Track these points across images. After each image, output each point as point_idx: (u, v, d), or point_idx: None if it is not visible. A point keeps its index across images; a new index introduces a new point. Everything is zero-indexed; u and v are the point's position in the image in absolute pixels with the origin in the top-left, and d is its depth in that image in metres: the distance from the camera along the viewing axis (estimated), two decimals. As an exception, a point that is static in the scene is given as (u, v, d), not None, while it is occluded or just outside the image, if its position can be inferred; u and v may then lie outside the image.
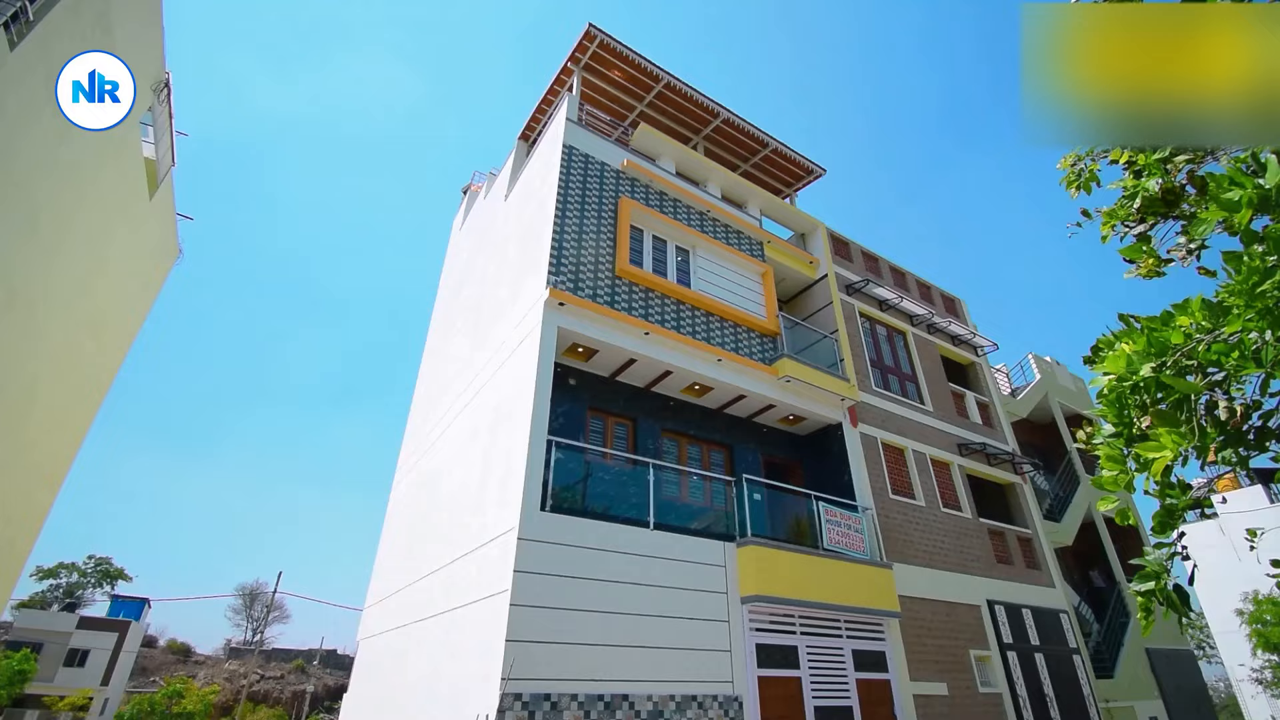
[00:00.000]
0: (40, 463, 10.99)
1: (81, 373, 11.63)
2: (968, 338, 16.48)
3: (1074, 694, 12.25)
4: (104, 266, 11.19)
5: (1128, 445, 2.65)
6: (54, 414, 10.99)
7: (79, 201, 9.27)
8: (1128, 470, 2.65)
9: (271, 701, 44.41)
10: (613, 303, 9.72)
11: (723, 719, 7.51)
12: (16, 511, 10.60)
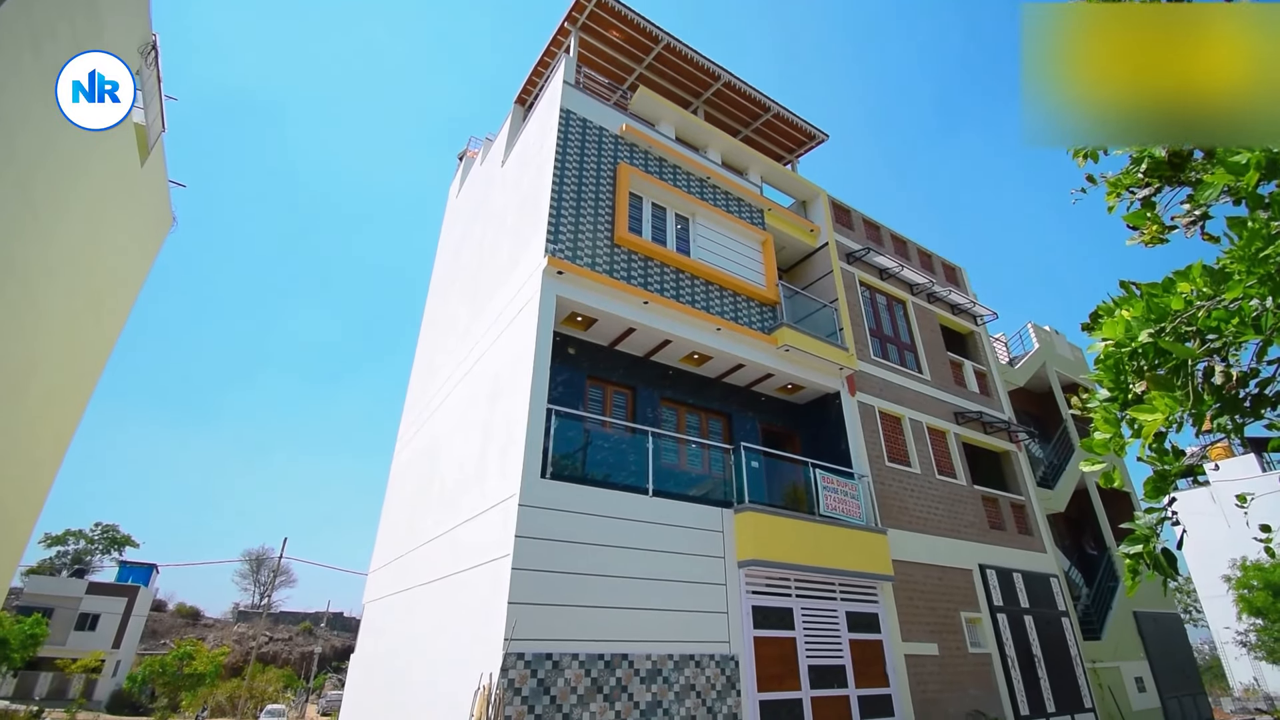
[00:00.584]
0: (43, 431, 11.06)
1: (80, 343, 11.60)
2: (967, 307, 16.45)
3: (1062, 655, 12.60)
4: (98, 236, 11.07)
5: (1122, 410, 2.67)
6: (54, 384, 11.00)
7: (70, 171, 9.12)
8: (1121, 435, 2.67)
9: (280, 662, 45.65)
10: (611, 271, 9.66)
11: (719, 677, 7.74)
12: (22, 479, 10.71)
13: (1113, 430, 2.67)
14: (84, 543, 50.99)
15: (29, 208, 8.05)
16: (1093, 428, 2.76)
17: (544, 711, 6.46)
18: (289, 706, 32.80)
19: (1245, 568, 24.30)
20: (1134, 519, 2.71)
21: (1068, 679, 12.39)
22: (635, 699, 7.03)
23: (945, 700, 10.04)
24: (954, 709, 10.07)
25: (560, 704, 6.58)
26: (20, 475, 10.56)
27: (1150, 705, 14.37)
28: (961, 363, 15.56)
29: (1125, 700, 13.69)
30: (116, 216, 11.70)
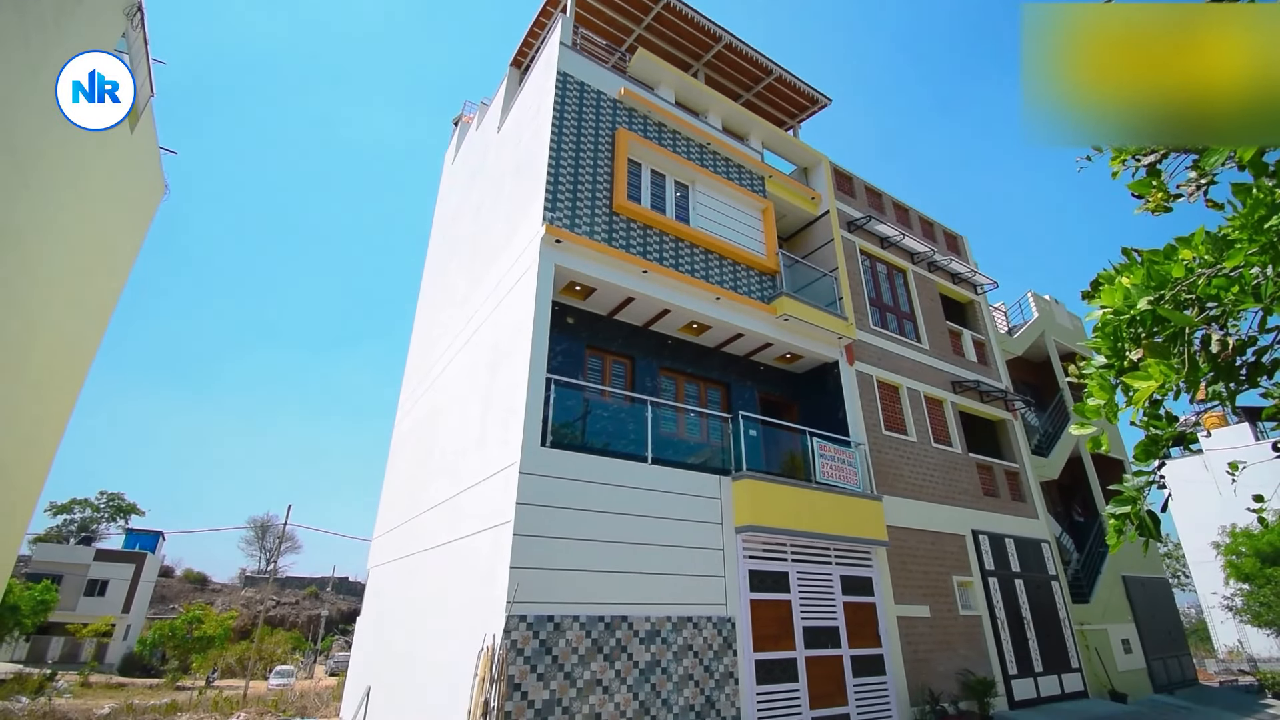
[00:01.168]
0: (45, 399, 11.11)
1: (76, 312, 11.57)
2: (968, 275, 16.38)
3: (1050, 617, 12.93)
4: (89, 205, 10.94)
5: (1117, 376, 2.68)
6: (54, 353, 11.02)
7: (59, 140, 8.97)
8: (1114, 401, 2.69)
9: (288, 625, 46.75)
10: (610, 240, 9.59)
11: (716, 638, 7.95)
12: (26, 447, 10.80)
13: (1106, 396, 2.69)
14: (90, 511, 51.62)
15: (20, 177, 7.93)
16: (1086, 393, 2.78)
17: (546, 671, 6.65)
18: (297, 667, 33.71)
19: (1234, 535, 24.73)
20: (1122, 481, 2.75)
21: (1056, 640, 12.74)
22: (635, 659, 7.24)
23: (935, 660, 10.34)
24: (944, 668, 10.38)
25: (562, 663, 6.77)
26: (24, 443, 10.65)
27: (1136, 666, 14.80)
28: (960, 332, 15.57)
29: (1111, 661, 14.09)
30: (107, 185, 11.54)
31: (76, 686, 22.63)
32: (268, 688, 24.09)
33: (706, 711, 7.49)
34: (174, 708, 15.62)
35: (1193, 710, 13.19)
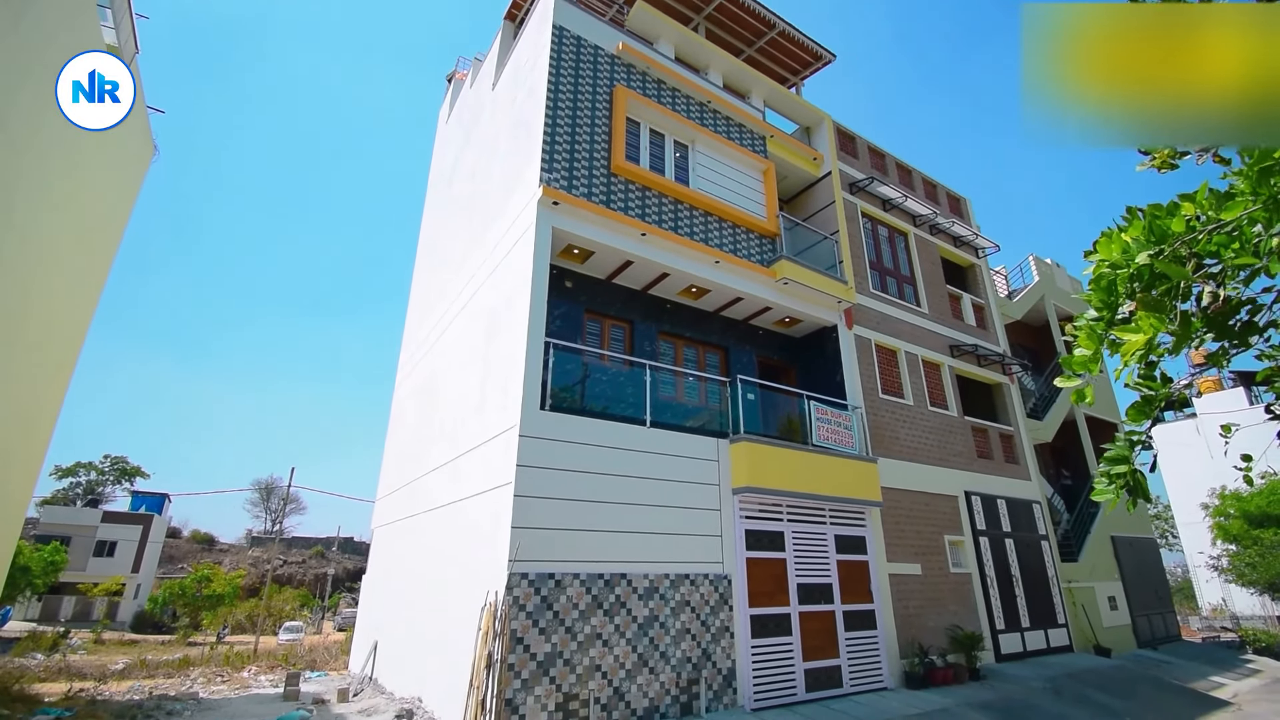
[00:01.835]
0: (45, 363, 11.13)
1: (71, 276, 11.49)
2: (970, 239, 16.23)
3: (1039, 575, 13.26)
4: (77, 168, 10.77)
5: (1107, 329, 2.68)
6: (50, 315, 10.99)
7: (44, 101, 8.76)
8: (1100, 353, 2.69)
9: (295, 584, 47.85)
10: (608, 202, 9.46)
11: (713, 594, 8.16)
12: (27, 410, 10.86)
13: (1094, 347, 2.69)
14: (95, 474, 52.22)
15: (6, 140, 7.77)
16: (1075, 344, 2.78)
17: (547, 625, 6.84)
18: (306, 623, 34.63)
19: (1223, 497, 25.14)
20: (1114, 439, 2.78)
21: (1044, 597, 13.08)
22: (633, 614, 7.44)
23: (925, 615, 10.64)
24: (933, 623, 10.68)
25: (563, 618, 6.96)
26: (25, 407, 10.70)
27: (1121, 622, 15.25)
28: (960, 296, 15.52)
29: (1097, 617, 14.50)
30: (95, 146, 11.31)
31: (90, 643, 23.26)
32: (278, 642, 24.79)
33: (703, 663, 7.74)
34: (186, 662, 16.09)
35: (1174, 664, 13.65)
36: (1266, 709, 10.08)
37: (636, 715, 7.10)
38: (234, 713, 9.43)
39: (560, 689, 6.72)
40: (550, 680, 6.69)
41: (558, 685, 6.72)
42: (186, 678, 13.70)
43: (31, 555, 25.71)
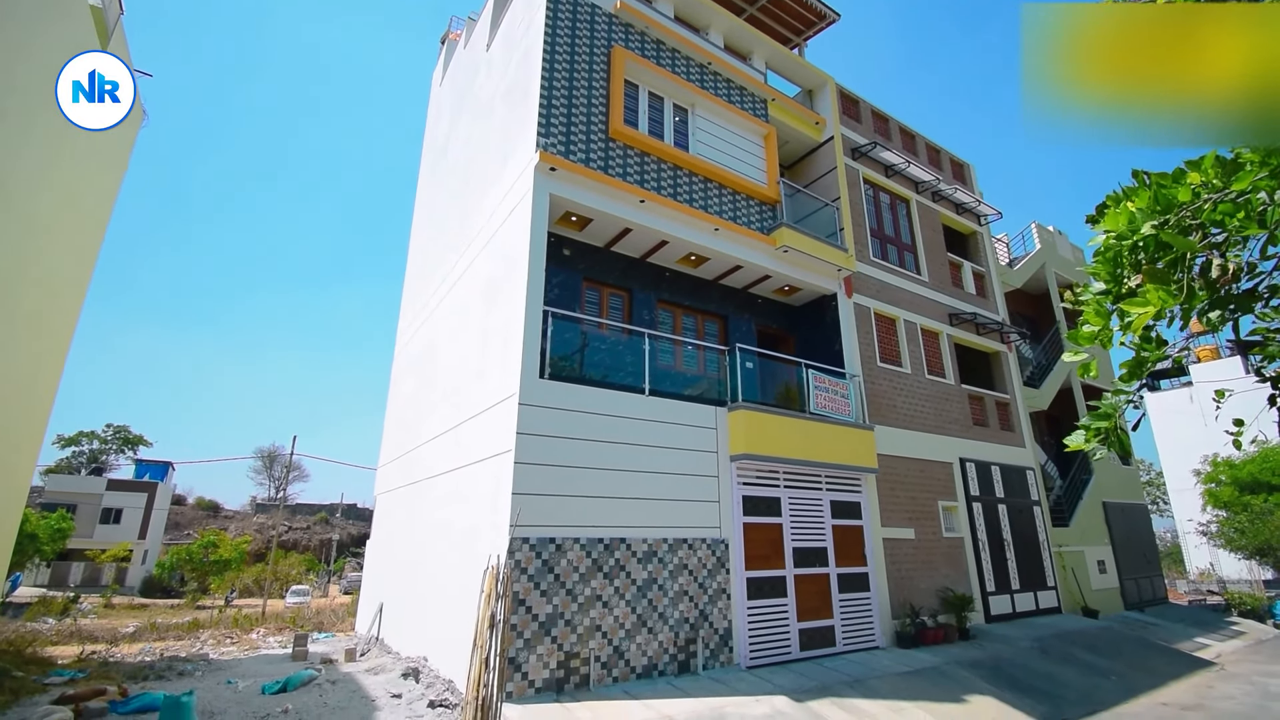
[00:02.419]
0: (43, 331, 11.12)
1: (64, 244, 11.38)
2: (972, 205, 16.06)
3: (1030, 539, 13.51)
4: (66, 134, 10.59)
5: (1114, 303, 2.68)
6: (47, 284, 10.95)
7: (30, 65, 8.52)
8: (1109, 327, 2.70)
9: (301, 549, 48.67)
10: (606, 168, 9.31)
11: (710, 558, 8.33)
12: (27, 378, 10.89)
13: (1102, 322, 2.69)
14: (97, 443, 52.55)
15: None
16: (1082, 320, 2.79)
17: (549, 588, 7.00)
18: (312, 587, 35.35)
19: (1215, 464, 25.47)
20: (1103, 398, 2.81)
21: (1034, 561, 13.37)
22: (632, 576, 7.60)
23: (918, 578, 10.88)
24: (925, 585, 10.93)
25: (564, 581, 7.11)
26: (25, 375, 10.72)
27: (1109, 585, 15.61)
28: (961, 264, 15.44)
29: (1086, 579, 14.84)
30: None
31: (100, 608, 23.77)
32: (285, 605, 25.35)
33: (700, 624, 7.95)
34: (196, 625, 16.48)
35: (1160, 625, 14.03)
36: (1249, 669, 10.40)
37: (636, 673, 7.32)
38: (244, 672, 9.70)
39: (562, 648, 6.91)
40: (552, 640, 6.88)
41: (559, 644, 6.91)
42: (196, 640, 14.05)
43: (38, 523, 26.05)
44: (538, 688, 6.66)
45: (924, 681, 8.04)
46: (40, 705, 7.05)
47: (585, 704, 6.39)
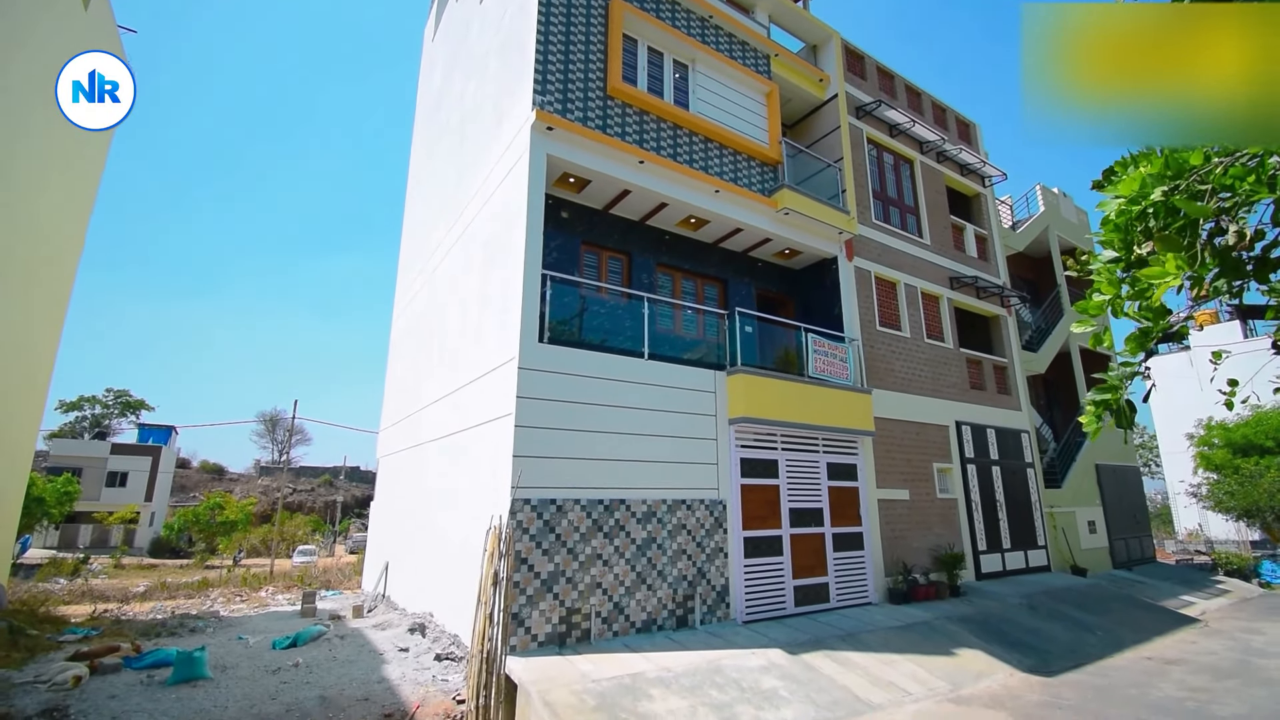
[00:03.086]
0: (39, 294, 11.07)
1: (54, 203, 11.22)
2: (977, 166, 15.80)
3: (1023, 500, 13.76)
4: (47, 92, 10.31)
5: (1125, 271, 2.67)
6: (41, 245, 10.85)
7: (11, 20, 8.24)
8: (1120, 296, 2.69)
9: (306, 511, 49.49)
10: (605, 127, 9.11)
11: (708, 518, 8.49)
12: (27, 342, 10.89)
13: (1113, 291, 2.68)
14: (99, 408, 52.88)
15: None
16: (1090, 291, 2.78)
17: (550, 547, 7.15)
18: (319, 547, 36.08)
19: (1209, 427, 25.73)
20: (1108, 369, 2.82)
21: (1025, 521, 13.63)
22: (632, 536, 7.76)
23: (911, 537, 11.12)
24: (918, 544, 11.18)
25: (565, 540, 7.26)
26: (24, 339, 10.72)
27: (1099, 545, 15.96)
28: (963, 226, 15.28)
29: (1076, 539, 15.16)
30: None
31: (110, 568, 24.30)
32: (292, 565, 25.94)
33: (698, 581, 8.15)
34: (205, 584, 16.89)
35: (1147, 584, 14.39)
36: (1232, 626, 10.71)
37: (635, 628, 7.54)
38: (255, 628, 9.99)
39: (563, 604, 7.10)
40: (554, 596, 7.06)
41: (561, 600, 7.10)
42: (206, 598, 14.41)
43: (45, 486, 26.40)
44: (540, 642, 6.87)
45: (914, 635, 8.30)
46: (56, 661, 7.26)
47: (587, 657, 6.60)
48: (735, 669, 6.56)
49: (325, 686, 6.60)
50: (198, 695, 6.25)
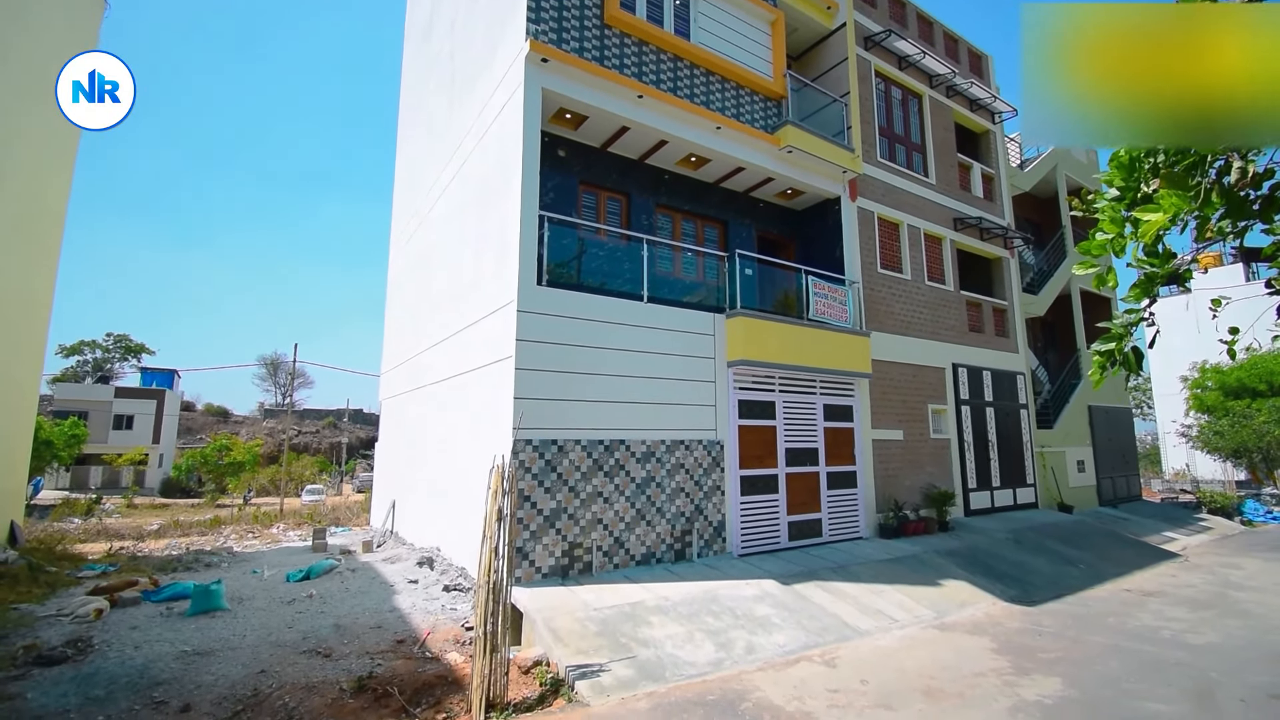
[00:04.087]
0: (31, 237, 10.92)
1: (37, 143, 10.90)
2: (987, 102, 15.27)
3: (1014, 440, 14.02)
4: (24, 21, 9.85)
5: (1128, 209, 2.63)
6: (28, 184, 10.62)
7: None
8: (1123, 235, 2.67)
9: (312, 452, 50.40)
10: (602, 59, 8.75)
11: (706, 458, 8.68)
12: (24, 286, 10.83)
13: (1116, 230, 2.66)
14: (100, 352, 52.97)
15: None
16: (1094, 230, 2.75)
17: (552, 485, 7.34)
18: (326, 486, 36.97)
19: (1204, 370, 25.93)
20: (1112, 318, 2.82)
21: (1016, 460, 13.94)
22: (631, 475, 7.96)
23: (903, 475, 11.40)
24: (910, 483, 11.47)
25: (566, 479, 7.45)
26: (20, 283, 10.65)
27: (1087, 483, 16.37)
28: (970, 165, 14.91)
29: (1064, 477, 15.55)
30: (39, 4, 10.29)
31: (122, 508, 24.92)
32: (301, 503, 26.64)
33: (695, 517, 8.41)
34: (218, 521, 17.40)
35: (1131, 520, 14.85)
36: (1212, 561, 11.12)
37: (635, 560, 7.84)
38: (268, 563, 10.37)
39: (565, 539, 7.36)
40: (556, 532, 7.31)
41: (563, 535, 7.35)
42: (219, 535, 14.88)
43: (52, 430, 26.75)
44: (544, 574, 7.16)
45: (903, 568, 8.64)
46: (77, 596, 7.56)
47: (589, 587, 6.90)
48: (730, 598, 6.86)
49: (339, 616, 6.92)
50: (216, 625, 6.55)
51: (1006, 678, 5.28)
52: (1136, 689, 5.04)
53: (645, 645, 5.63)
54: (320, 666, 5.37)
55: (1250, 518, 17.33)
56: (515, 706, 4.62)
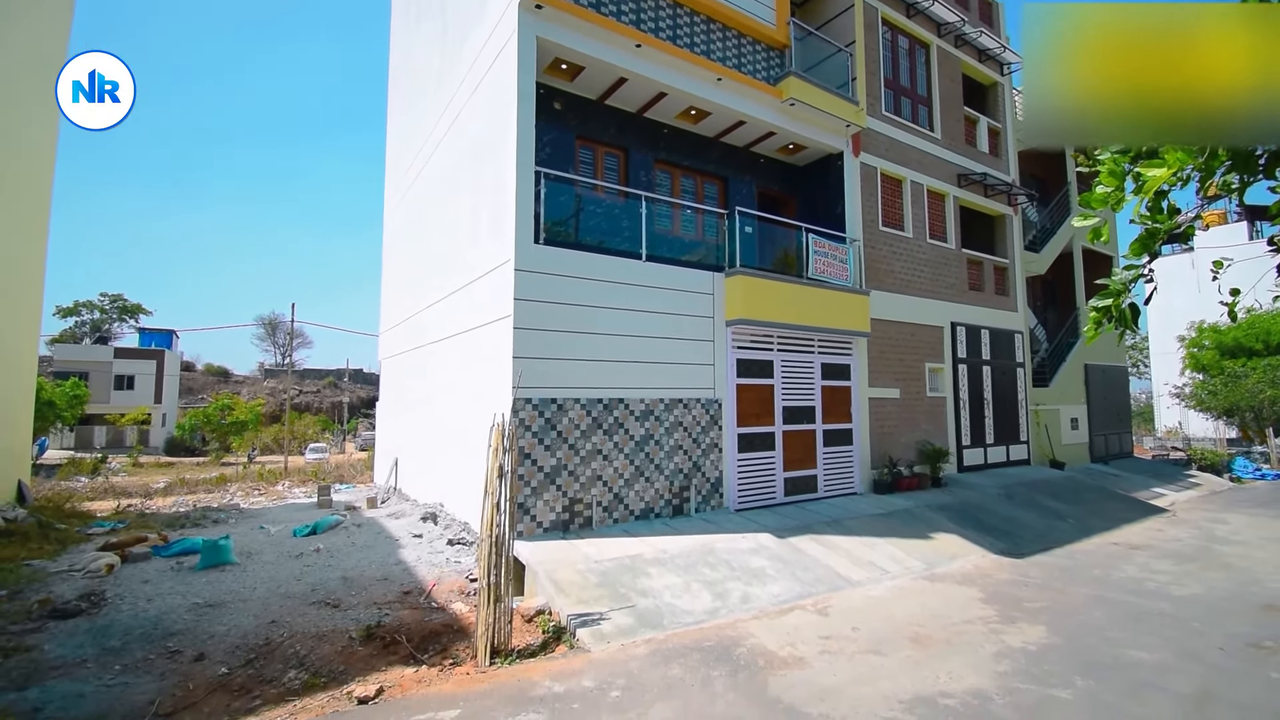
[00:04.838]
0: (19, 197, 10.74)
1: (19, 102, 10.60)
2: (997, 52, 14.81)
3: (1010, 398, 14.14)
4: None
5: (1132, 162, 2.59)
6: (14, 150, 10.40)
7: None
8: (1123, 189, 2.64)
9: (314, 411, 50.82)
10: (599, 5, 8.43)
11: (704, 416, 8.77)
12: (15, 248, 10.71)
13: (1115, 183, 2.63)
14: (97, 313, 52.70)
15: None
16: (1096, 181, 2.71)
17: (552, 443, 7.44)
18: (329, 444, 37.42)
19: (1201, 329, 25.95)
20: (1111, 274, 2.81)
21: (1011, 418, 14.10)
22: (630, 433, 8.05)
23: (898, 433, 11.54)
24: (905, 440, 11.63)
25: (566, 437, 7.54)
26: (11, 245, 10.53)
27: (1080, 440, 16.59)
28: (976, 119, 14.56)
29: (1058, 435, 15.75)
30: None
31: (128, 466, 25.23)
32: (305, 461, 27.01)
33: (693, 474, 8.56)
34: (223, 479, 17.65)
35: (1122, 476, 15.11)
36: (1199, 516, 11.36)
37: (634, 515, 8.01)
38: (274, 519, 10.58)
39: (566, 495, 7.50)
40: (556, 488, 7.44)
41: (563, 492, 7.49)
42: (226, 492, 15.13)
43: (53, 390, 26.85)
44: (545, 528, 7.32)
45: (895, 522, 8.84)
46: (88, 552, 7.73)
47: (589, 541, 7.07)
48: (727, 550, 7.04)
49: (346, 569, 7.11)
50: (226, 578, 6.73)
51: (993, 626, 5.47)
52: (1119, 637, 5.23)
53: (644, 595, 5.81)
54: (329, 617, 5.55)
55: (1239, 474, 17.63)
56: (519, 653, 4.80)
